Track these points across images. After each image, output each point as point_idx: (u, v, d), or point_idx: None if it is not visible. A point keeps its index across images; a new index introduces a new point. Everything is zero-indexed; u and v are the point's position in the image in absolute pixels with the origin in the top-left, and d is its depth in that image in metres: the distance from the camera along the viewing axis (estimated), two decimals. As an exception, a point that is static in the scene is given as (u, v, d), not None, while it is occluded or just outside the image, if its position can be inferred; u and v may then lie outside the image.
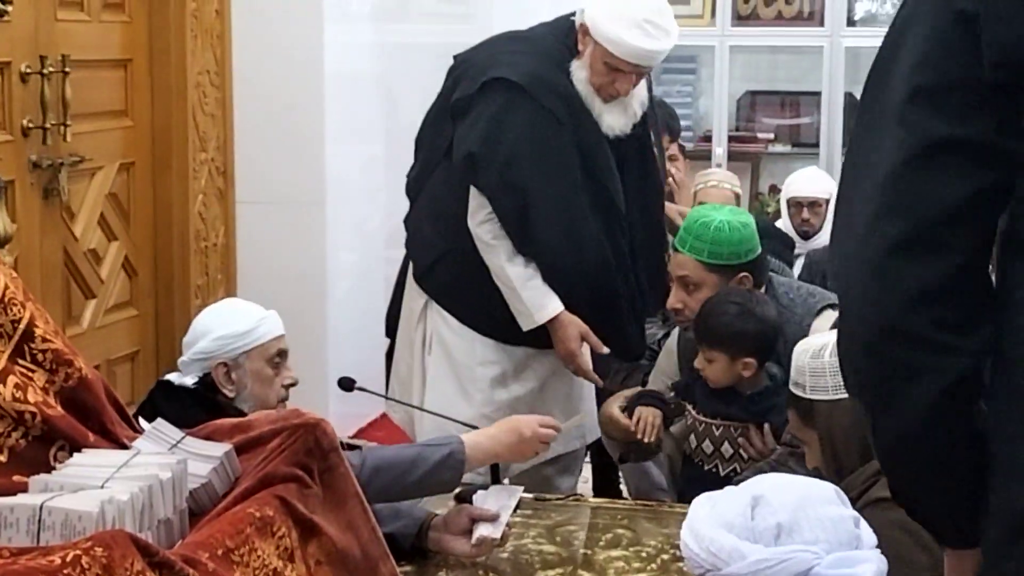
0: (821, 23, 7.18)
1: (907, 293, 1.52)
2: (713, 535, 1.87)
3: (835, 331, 2.78)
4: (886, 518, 2.49)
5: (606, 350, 3.97)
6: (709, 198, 5.17)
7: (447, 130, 4.01)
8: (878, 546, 1.93)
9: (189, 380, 3.17)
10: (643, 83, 3.98)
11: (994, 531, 1.56)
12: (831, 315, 3.57)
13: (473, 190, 3.92)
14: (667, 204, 4.45)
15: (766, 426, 3.52)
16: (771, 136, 7.60)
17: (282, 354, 3.25)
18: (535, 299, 3.92)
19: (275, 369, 3.22)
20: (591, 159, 3.91)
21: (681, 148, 5.53)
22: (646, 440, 3.62)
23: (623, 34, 3.73)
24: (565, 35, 3.92)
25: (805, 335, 3.58)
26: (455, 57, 4.17)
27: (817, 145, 7.28)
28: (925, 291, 1.52)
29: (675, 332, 4.03)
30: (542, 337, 3.99)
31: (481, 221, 3.93)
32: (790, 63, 7.64)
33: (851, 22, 7.18)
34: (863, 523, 1.90)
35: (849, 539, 1.84)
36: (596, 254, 3.92)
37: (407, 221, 4.26)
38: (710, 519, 1.89)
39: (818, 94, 7.27)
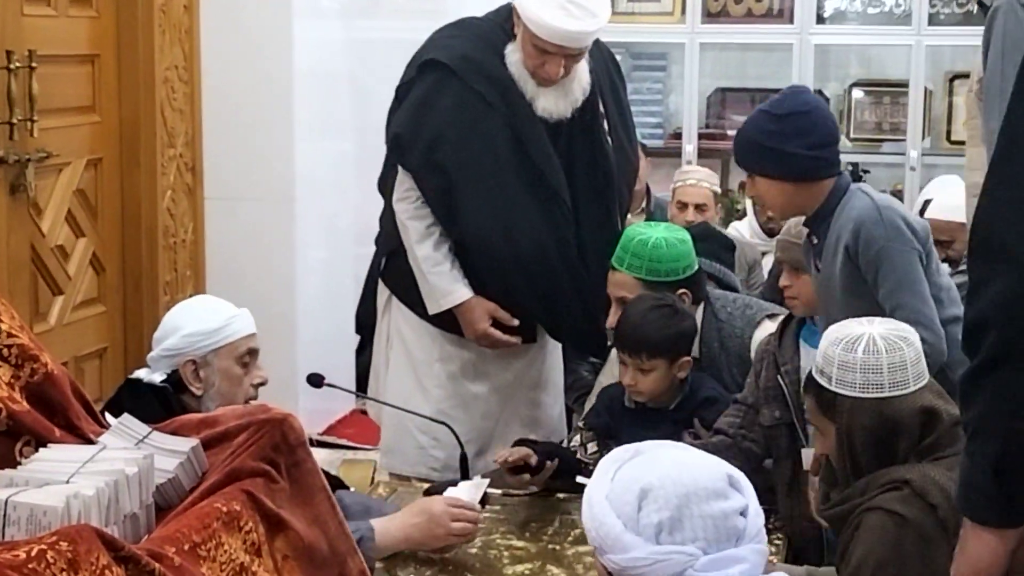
0: (791, 20, 7.18)
1: None
2: (604, 517, 1.92)
3: (869, 327, 2.76)
4: (893, 523, 2.56)
5: (515, 322, 3.94)
6: (687, 196, 5.18)
7: None
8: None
9: (157, 377, 3.15)
10: (585, 67, 3.92)
11: None
12: (769, 326, 3.57)
13: (401, 169, 3.94)
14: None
15: (696, 422, 3.48)
16: (741, 133, 7.60)
17: (252, 353, 3.23)
18: (441, 284, 3.91)
19: (245, 368, 3.21)
20: (525, 143, 3.88)
21: (642, 146, 5.54)
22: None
23: (544, 15, 3.70)
24: (505, 19, 3.91)
25: (746, 347, 3.59)
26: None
27: (786, 142, 7.28)
28: None
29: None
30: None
31: (399, 199, 3.95)
32: (760, 60, 7.65)
33: (820, 19, 7.19)
34: (751, 513, 1.92)
35: (730, 535, 1.88)
36: (530, 239, 3.87)
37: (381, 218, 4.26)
38: (606, 496, 1.93)
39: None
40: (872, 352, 2.70)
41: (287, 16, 5.06)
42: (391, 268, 4.11)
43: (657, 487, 1.89)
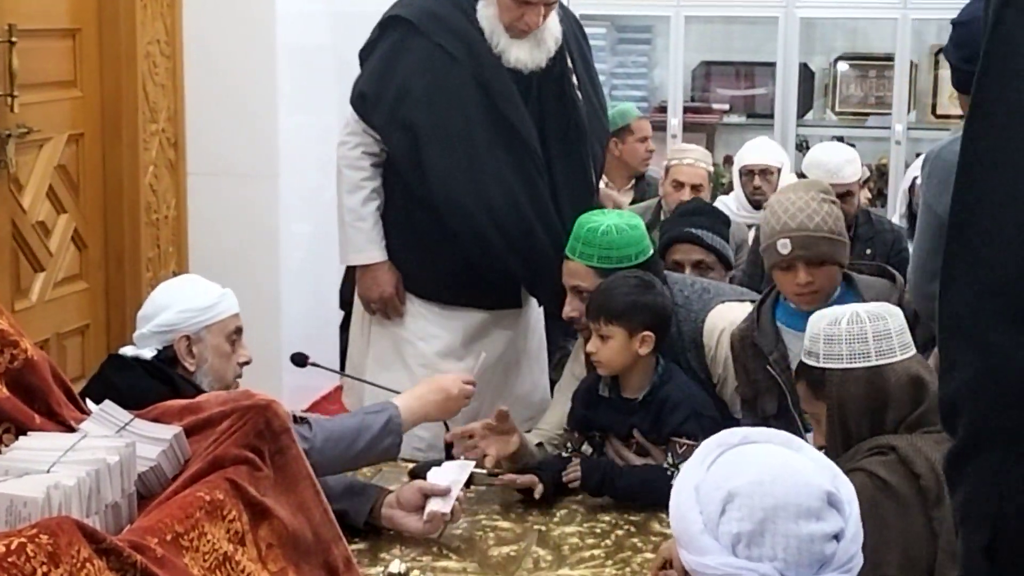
0: (776, -7, 7.18)
1: None
2: (687, 511, 1.83)
3: (852, 307, 2.80)
4: (873, 485, 2.56)
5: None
6: (683, 175, 5.16)
7: None
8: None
9: (147, 353, 3.17)
10: (555, 17, 3.93)
11: None
12: (723, 309, 3.55)
13: (348, 118, 3.95)
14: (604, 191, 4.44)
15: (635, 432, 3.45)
16: (726, 107, 7.60)
17: (239, 331, 3.29)
18: (357, 239, 3.96)
19: (232, 346, 3.25)
20: (493, 96, 3.87)
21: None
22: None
23: None
24: None
25: (700, 332, 3.58)
26: None
27: (772, 116, 7.28)
28: None
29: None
30: (479, 297, 3.99)
31: (340, 143, 3.97)
32: (745, 33, 7.63)
33: (806, -8, 7.18)
34: (847, 537, 1.81)
35: (813, 561, 1.77)
36: (501, 191, 3.86)
37: None
38: (696, 487, 1.84)
39: (773, 65, 7.27)
40: (856, 322, 2.76)
41: (270, -11, 5.02)
42: None
43: (745, 494, 1.78)
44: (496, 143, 3.87)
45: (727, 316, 3.54)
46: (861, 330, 2.75)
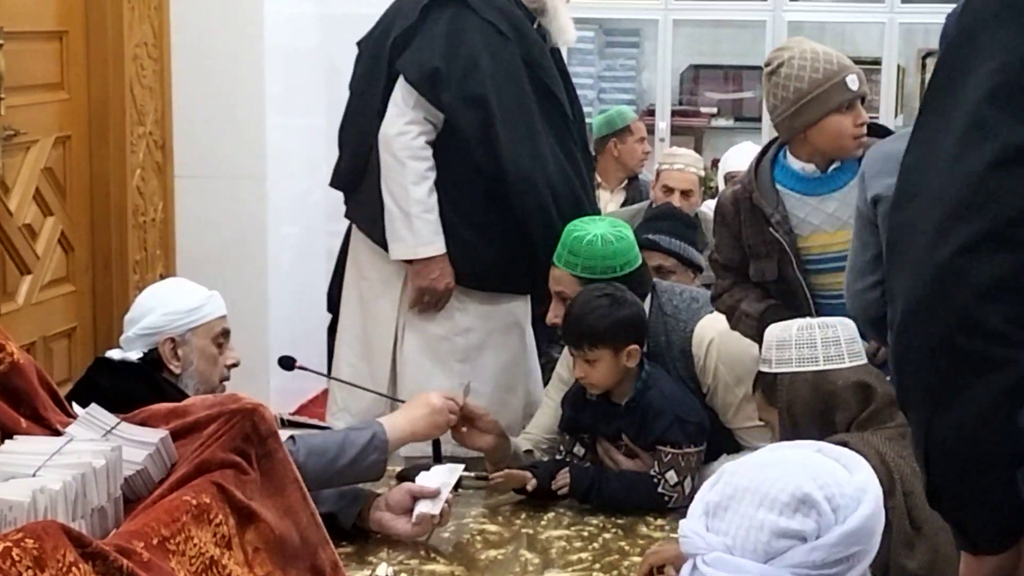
0: (764, -3, 7.19)
1: (981, 287, 1.51)
2: (703, 487, 1.87)
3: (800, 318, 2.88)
4: None
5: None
6: (673, 181, 5.17)
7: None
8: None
9: (133, 356, 3.17)
10: None
11: None
12: (712, 319, 3.54)
13: (402, 108, 3.86)
14: None
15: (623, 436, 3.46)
16: (714, 110, 7.61)
17: (226, 334, 3.28)
18: (426, 231, 3.87)
19: (219, 348, 3.25)
20: (540, 72, 3.92)
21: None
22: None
23: None
24: None
25: (689, 341, 3.57)
26: (359, 44, 4.13)
27: (760, 119, 7.27)
28: (999, 285, 1.51)
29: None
30: (522, 281, 3.98)
31: (398, 133, 3.86)
32: (733, 37, 7.65)
33: (794, -4, 7.20)
34: (818, 546, 1.76)
35: (759, 550, 1.75)
36: (556, 165, 3.89)
37: (362, 206, 4.11)
38: (729, 463, 1.88)
39: (761, 68, 7.26)
40: (805, 328, 2.89)
41: (258, -9, 5.02)
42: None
43: (730, 471, 1.83)
44: (544, 119, 3.91)
45: (716, 326, 3.53)
46: (810, 336, 2.87)
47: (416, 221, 3.87)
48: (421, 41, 3.86)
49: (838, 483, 1.80)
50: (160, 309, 3.19)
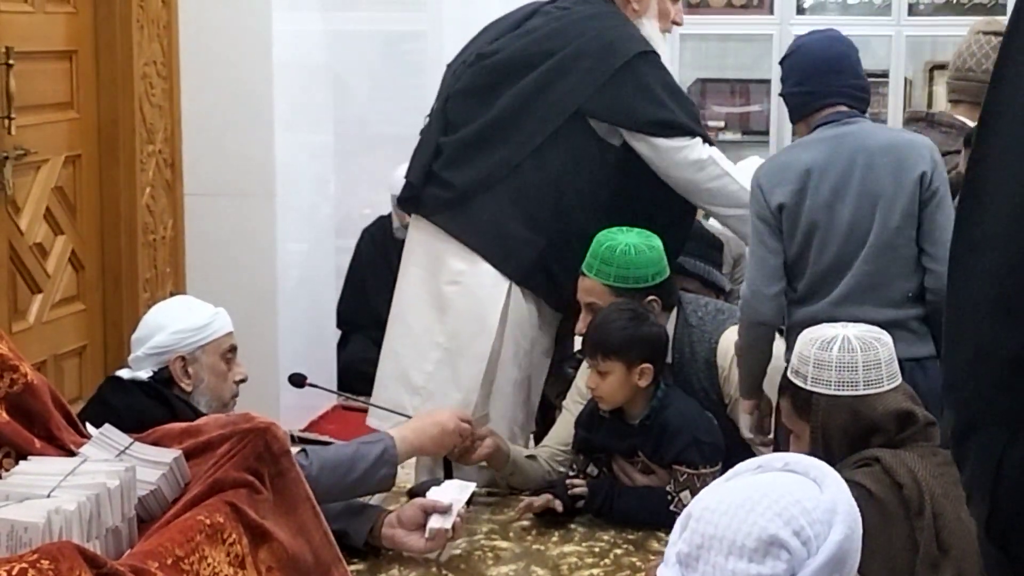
0: (771, 11, 7.19)
1: None
2: (677, 525, 1.83)
3: (843, 329, 2.82)
4: (858, 495, 2.55)
5: None
6: None
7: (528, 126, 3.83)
8: None
9: (143, 375, 3.18)
10: None
11: None
12: (736, 330, 3.51)
13: (693, 144, 3.87)
14: None
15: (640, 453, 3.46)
16: (721, 124, 7.60)
17: (233, 350, 3.30)
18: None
19: (227, 364, 3.27)
20: None
21: None
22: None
23: None
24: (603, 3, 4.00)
25: (714, 352, 3.58)
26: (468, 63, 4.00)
27: (767, 133, 7.29)
28: None
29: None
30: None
31: (699, 169, 3.89)
32: (740, 51, 7.64)
33: (800, 10, 7.19)
34: None
35: None
36: None
37: (481, 221, 3.87)
38: (693, 505, 1.82)
39: (768, 82, 7.27)
40: (847, 350, 2.77)
41: (266, 9, 5.03)
42: (538, 270, 3.84)
43: (695, 518, 1.77)
44: None
45: None
46: (852, 359, 2.77)
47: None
48: (656, 90, 3.88)
49: (806, 511, 1.74)
50: (169, 328, 3.21)
